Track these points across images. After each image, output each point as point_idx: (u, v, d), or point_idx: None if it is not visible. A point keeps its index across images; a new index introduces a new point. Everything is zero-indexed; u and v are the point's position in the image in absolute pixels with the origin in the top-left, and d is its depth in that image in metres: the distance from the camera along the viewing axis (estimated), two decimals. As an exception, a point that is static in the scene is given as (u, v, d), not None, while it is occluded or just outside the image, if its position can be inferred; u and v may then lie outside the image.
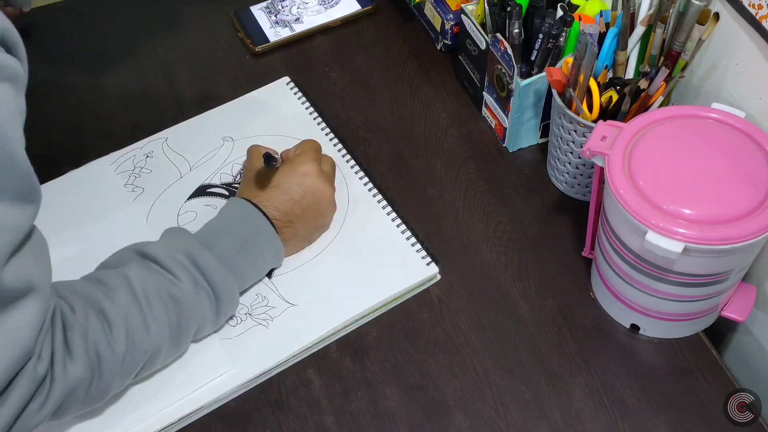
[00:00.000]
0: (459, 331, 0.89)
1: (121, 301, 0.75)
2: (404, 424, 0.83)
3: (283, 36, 1.14)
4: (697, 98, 0.94)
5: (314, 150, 0.92)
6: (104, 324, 0.74)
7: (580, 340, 0.88)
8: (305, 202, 0.88)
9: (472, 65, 1.05)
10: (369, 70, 1.12)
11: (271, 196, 0.88)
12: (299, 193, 0.88)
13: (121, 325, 0.75)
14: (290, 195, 0.88)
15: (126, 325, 0.75)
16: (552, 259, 0.94)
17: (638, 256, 0.79)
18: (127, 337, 0.75)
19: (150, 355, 0.78)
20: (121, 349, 0.74)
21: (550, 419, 0.83)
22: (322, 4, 1.17)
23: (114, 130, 1.06)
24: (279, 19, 1.16)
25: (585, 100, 0.90)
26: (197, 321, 0.81)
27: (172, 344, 0.80)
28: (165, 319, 0.78)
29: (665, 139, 0.80)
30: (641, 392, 0.84)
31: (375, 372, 0.86)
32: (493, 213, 0.98)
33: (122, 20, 1.19)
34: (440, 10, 1.10)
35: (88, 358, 0.72)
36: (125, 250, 0.82)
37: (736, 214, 0.74)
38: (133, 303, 0.76)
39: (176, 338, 0.80)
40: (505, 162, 1.03)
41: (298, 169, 0.89)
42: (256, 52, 1.13)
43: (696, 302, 0.83)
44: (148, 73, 1.13)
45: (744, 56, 0.85)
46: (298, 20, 1.16)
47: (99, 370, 0.73)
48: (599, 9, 0.95)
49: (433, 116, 1.08)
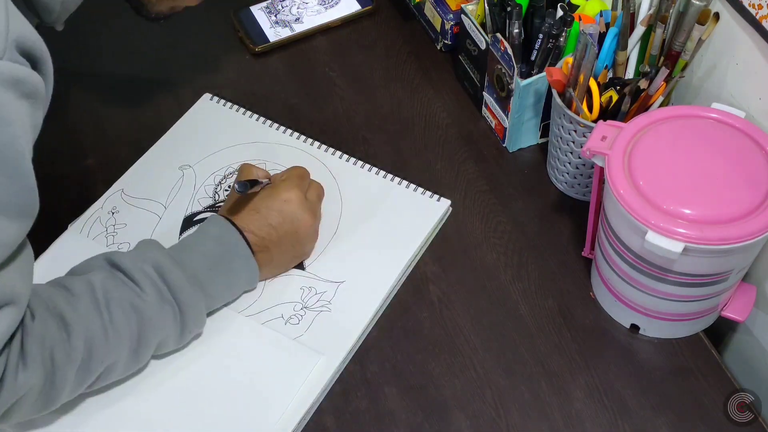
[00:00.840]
0: (459, 331, 0.89)
1: (82, 309, 0.74)
2: (404, 424, 0.83)
3: (283, 36, 1.14)
4: (697, 98, 0.94)
5: (299, 177, 0.90)
6: (63, 331, 0.72)
7: (580, 340, 0.88)
8: (283, 230, 0.86)
9: (472, 65, 1.05)
10: (369, 70, 1.12)
11: (250, 219, 0.85)
12: (278, 220, 0.86)
13: (81, 333, 0.73)
14: (268, 220, 0.85)
15: (85, 334, 0.73)
16: (552, 259, 0.94)
17: (638, 256, 0.79)
18: (85, 345, 0.73)
19: (107, 366, 0.76)
20: (77, 357, 0.73)
21: (550, 419, 0.83)
22: (322, 4, 1.17)
23: (113, 130, 1.06)
24: (279, 19, 1.16)
25: (585, 100, 0.90)
26: (159, 336, 0.79)
27: (131, 357, 0.78)
28: (126, 330, 0.76)
29: (665, 139, 0.80)
30: (641, 392, 0.84)
31: (375, 372, 0.86)
32: (493, 213, 0.98)
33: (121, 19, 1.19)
34: (440, 10, 1.10)
35: (42, 365, 0.71)
36: (96, 257, 0.81)
37: (736, 214, 0.74)
38: (94, 311, 0.75)
39: (136, 351, 0.78)
40: (505, 162, 1.03)
41: (279, 195, 0.87)
42: (255, 51, 1.13)
43: (696, 302, 0.83)
44: (146, 72, 1.13)
45: (744, 56, 0.85)
46: (298, 20, 1.16)
47: (52, 378, 0.72)
48: (599, 9, 0.95)
49: (433, 116, 1.08)
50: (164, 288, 0.79)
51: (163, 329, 0.79)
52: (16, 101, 0.63)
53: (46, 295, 0.74)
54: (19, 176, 0.65)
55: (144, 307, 0.77)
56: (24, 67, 0.64)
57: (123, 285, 0.77)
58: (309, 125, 1.06)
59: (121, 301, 0.76)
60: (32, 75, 0.65)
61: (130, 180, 1.00)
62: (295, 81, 1.11)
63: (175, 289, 0.79)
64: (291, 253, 0.89)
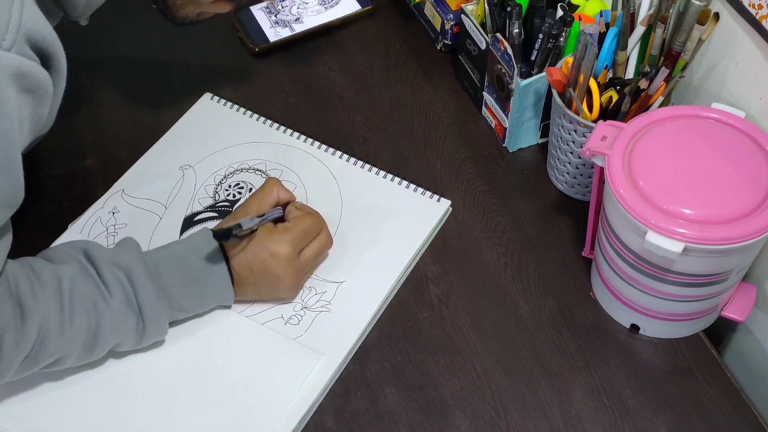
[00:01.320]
0: (459, 331, 0.89)
1: (43, 299, 0.73)
2: (404, 424, 0.83)
3: (283, 36, 1.14)
4: (697, 98, 0.94)
5: (301, 232, 0.86)
6: (17, 317, 0.71)
7: (580, 340, 0.88)
8: (261, 279, 0.84)
9: (472, 65, 1.05)
10: (369, 70, 1.12)
11: (235, 253, 0.83)
12: (258, 269, 0.84)
13: (36, 323, 0.72)
14: (250, 265, 0.83)
15: (40, 325, 0.73)
16: (552, 259, 0.94)
17: (638, 256, 0.79)
18: (38, 336, 0.73)
19: (57, 359, 0.76)
20: (26, 346, 0.72)
21: (550, 419, 0.83)
22: (322, 4, 1.17)
23: (113, 130, 1.06)
24: (279, 19, 1.16)
25: (585, 100, 0.90)
26: (117, 339, 0.79)
27: (84, 352, 0.78)
28: (83, 328, 0.76)
29: (665, 139, 0.80)
30: (641, 392, 0.84)
31: (375, 372, 0.86)
32: (493, 213, 0.98)
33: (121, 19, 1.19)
34: (440, 10, 1.10)
35: None
36: (75, 245, 0.80)
37: (736, 214, 0.74)
38: (55, 303, 0.74)
39: (90, 348, 0.78)
40: (505, 162, 1.03)
41: (268, 246, 0.84)
42: (255, 52, 1.13)
43: (696, 302, 0.83)
44: (146, 72, 1.13)
45: (744, 56, 0.85)
46: (298, 20, 1.16)
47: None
48: (599, 9, 0.94)
49: (433, 116, 1.08)
50: (132, 297, 0.78)
51: (123, 334, 0.79)
52: (16, 95, 0.63)
53: (12, 275, 0.73)
54: (9, 168, 0.65)
55: (106, 310, 0.77)
56: (31, 62, 0.64)
57: (92, 283, 0.77)
58: (309, 125, 1.06)
59: (85, 299, 0.76)
60: (39, 71, 0.65)
61: (130, 180, 1.00)
62: (295, 81, 1.11)
63: (143, 302, 0.78)
64: (266, 296, 0.88)
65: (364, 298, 0.89)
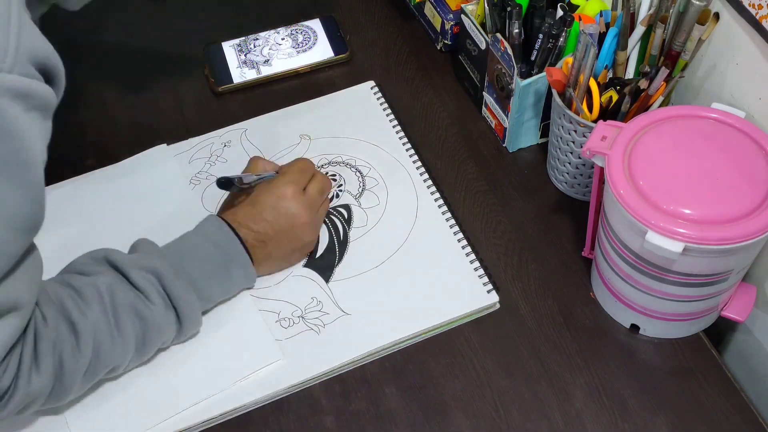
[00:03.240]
0: (459, 331, 0.89)
1: (91, 316, 0.76)
2: (404, 424, 0.83)
3: (248, 78, 1.09)
4: (697, 98, 0.94)
5: (299, 171, 0.90)
6: (72, 336, 0.75)
7: (580, 340, 0.88)
8: (278, 225, 0.87)
9: (472, 65, 1.05)
10: (369, 70, 1.12)
11: (245, 214, 0.86)
12: (272, 215, 0.87)
13: (89, 339, 0.75)
14: (264, 216, 0.86)
15: (93, 340, 0.76)
16: (552, 259, 0.94)
17: (638, 256, 0.79)
18: (93, 351, 0.76)
19: (113, 368, 0.80)
20: (85, 362, 0.75)
21: (550, 419, 0.83)
22: (295, 47, 1.12)
23: (113, 130, 1.06)
24: (248, 59, 1.11)
25: (585, 100, 0.90)
26: (162, 339, 0.82)
27: (135, 358, 0.81)
28: (132, 336, 0.78)
29: (665, 139, 0.80)
30: (641, 392, 0.84)
31: (375, 372, 0.86)
32: (493, 213, 0.98)
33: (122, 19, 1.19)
34: (440, 10, 1.10)
35: (53, 368, 0.73)
36: (94, 255, 0.82)
37: (736, 214, 0.74)
38: (103, 318, 0.77)
39: (140, 353, 0.81)
40: (505, 162, 1.03)
41: (275, 190, 0.87)
42: (218, 92, 1.09)
43: (696, 302, 0.83)
44: (146, 72, 1.13)
45: (744, 56, 0.85)
46: (267, 62, 1.11)
47: (61, 379, 0.74)
48: (599, 9, 0.94)
49: (433, 116, 1.08)
50: (166, 297, 0.80)
51: (166, 333, 0.82)
52: (24, 114, 0.64)
53: (56, 297, 0.76)
54: (28, 188, 0.66)
55: (149, 315, 0.79)
56: (34, 81, 0.65)
57: (130, 293, 0.79)
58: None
59: (127, 307, 0.78)
60: (43, 89, 0.66)
61: (257, 124, 1.05)
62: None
63: (176, 299, 0.80)
64: (289, 247, 0.89)
65: (352, 341, 0.87)
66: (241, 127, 1.05)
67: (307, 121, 1.05)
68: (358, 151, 1.02)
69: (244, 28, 1.14)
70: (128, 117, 1.08)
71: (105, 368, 0.78)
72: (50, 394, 0.75)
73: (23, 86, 0.64)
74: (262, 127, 1.05)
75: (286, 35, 1.14)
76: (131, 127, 1.07)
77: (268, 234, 0.87)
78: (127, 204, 0.97)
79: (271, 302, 0.90)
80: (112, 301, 0.77)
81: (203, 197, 0.98)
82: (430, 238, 0.94)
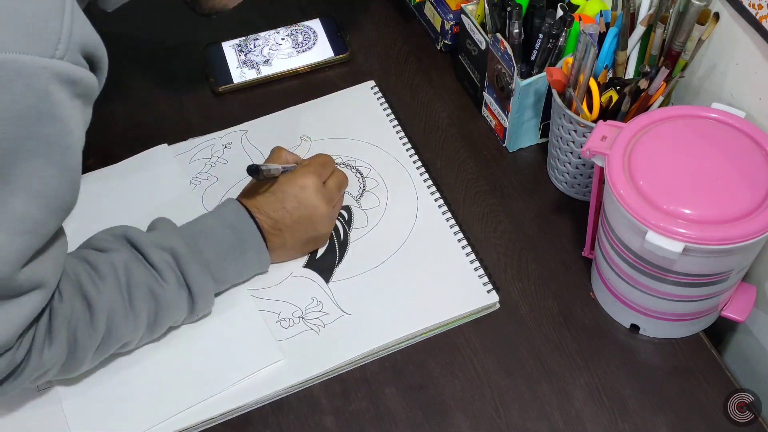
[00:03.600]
0: (459, 331, 0.89)
1: (106, 292, 0.78)
2: (404, 424, 0.83)
3: (248, 78, 1.09)
4: (697, 98, 0.94)
5: (320, 164, 0.92)
6: (87, 312, 0.77)
7: (580, 340, 0.88)
8: (297, 214, 0.88)
9: (472, 65, 1.05)
10: (369, 70, 1.12)
11: (266, 201, 0.88)
12: (293, 204, 0.88)
13: (103, 316, 0.77)
14: (283, 204, 0.88)
15: (107, 317, 0.78)
16: (552, 259, 0.94)
17: (638, 256, 0.79)
18: (106, 327, 0.78)
19: (124, 343, 0.82)
20: (98, 337, 0.78)
21: (550, 419, 0.83)
22: (295, 47, 1.12)
23: (113, 130, 1.06)
24: (248, 59, 1.11)
25: (585, 100, 0.90)
26: (173, 318, 0.84)
27: (147, 335, 0.83)
28: (144, 314, 0.80)
29: (665, 139, 0.80)
30: (641, 392, 0.84)
31: (375, 372, 0.86)
32: (493, 213, 0.98)
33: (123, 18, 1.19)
34: (440, 10, 1.10)
35: (66, 344, 0.76)
36: (114, 231, 0.84)
37: (736, 214, 0.74)
38: (117, 296, 0.79)
39: (151, 329, 0.83)
40: (505, 162, 1.03)
41: (296, 180, 0.89)
42: (218, 92, 1.09)
43: (696, 302, 0.83)
44: (147, 72, 1.13)
45: (744, 56, 0.85)
46: (267, 62, 1.11)
47: (74, 354, 0.77)
48: (599, 9, 0.94)
49: (433, 116, 1.08)
50: (181, 277, 0.82)
51: (178, 312, 0.84)
52: (69, 99, 0.67)
53: (73, 272, 0.78)
54: (68, 170, 0.69)
55: (163, 294, 0.81)
56: (82, 69, 0.68)
57: (146, 271, 0.81)
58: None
59: (141, 286, 0.80)
60: (89, 77, 0.69)
61: (257, 125, 1.05)
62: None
63: (190, 279, 0.82)
64: (304, 237, 0.90)
65: (351, 341, 0.87)
66: (242, 128, 1.05)
67: (308, 121, 1.05)
68: (359, 152, 1.02)
69: (244, 28, 1.15)
70: (128, 117, 1.08)
71: (117, 343, 0.80)
72: (63, 367, 0.77)
73: (72, 73, 0.67)
74: (262, 129, 1.05)
75: (286, 35, 1.14)
76: (132, 126, 1.07)
77: (286, 223, 0.88)
78: (127, 204, 0.97)
79: (271, 302, 0.90)
80: (127, 279, 0.79)
81: (204, 197, 0.98)
82: (430, 238, 0.94)
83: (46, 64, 0.64)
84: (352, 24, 1.17)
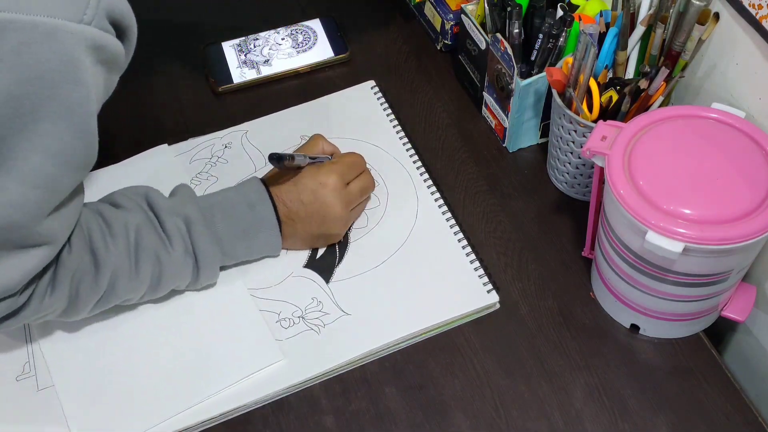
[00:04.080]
0: (459, 331, 0.89)
1: (114, 251, 0.80)
2: (404, 424, 0.83)
3: (248, 78, 1.09)
4: (697, 98, 0.94)
5: (348, 165, 0.92)
6: (93, 267, 0.79)
7: (580, 340, 0.88)
8: (311, 209, 0.89)
9: (472, 65, 1.05)
10: (369, 70, 1.12)
11: (286, 189, 0.89)
12: (309, 199, 0.88)
13: (108, 272, 0.79)
14: (300, 196, 0.88)
15: (111, 275, 0.80)
16: (552, 259, 0.94)
17: (638, 256, 0.79)
18: (109, 284, 0.80)
19: (125, 299, 0.84)
20: (100, 292, 0.80)
21: (550, 419, 0.83)
22: (295, 47, 1.12)
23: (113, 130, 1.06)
24: (248, 59, 1.11)
25: (585, 100, 0.90)
26: (176, 283, 0.86)
27: (148, 293, 0.85)
28: (148, 275, 0.82)
29: (665, 139, 0.80)
30: (641, 392, 0.84)
31: (375, 372, 0.86)
32: (493, 213, 0.98)
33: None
34: (440, 10, 1.10)
35: (68, 294, 0.78)
36: (137, 190, 0.86)
37: (736, 214, 0.74)
38: (125, 255, 0.80)
39: (153, 290, 0.85)
40: (505, 162, 1.03)
41: (318, 176, 0.89)
42: (218, 92, 1.09)
43: (696, 302, 0.83)
44: (147, 72, 1.13)
45: (744, 56, 0.85)
46: (267, 62, 1.11)
47: (74, 304, 0.79)
48: (599, 9, 0.95)
49: (433, 116, 1.08)
50: (189, 246, 0.84)
51: (181, 278, 0.86)
52: (93, 66, 0.69)
53: (86, 226, 0.79)
54: (86, 134, 0.70)
55: (168, 260, 0.83)
56: (108, 35, 0.69)
57: (156, 236, 0.82)
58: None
59: (149, 250, 0.82)
60: (115, 44, 0.70)
61: (257, 125, 1.05)
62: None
63: (198, 249, 0.84)
64: (316, 232, 0.91)
65: (352, 341, 0.86)
66: (242, 128, 1.05)
67: (308, 122, 1.05)
68: (358, 152, 1.02)
69: (244, 28, 1.15)
70: (129, 117, 1.08)
71: (117, 300, 0.83)
72: (62, 314, 0.80)
73: (98, 39, 0.68)
74: (262, 129, 1.05)
75: (286, 35, 1.14)
76: (132, 126, 1.07)
77: (299, 215, 0.89)
78: None
79: (271, 302, 0.90)
80: (137, 241, 0.81)
81: None
82: (430, 238, 0.94)
83: (73, 29, 0.65)
84: (352, 24, 1.17)
